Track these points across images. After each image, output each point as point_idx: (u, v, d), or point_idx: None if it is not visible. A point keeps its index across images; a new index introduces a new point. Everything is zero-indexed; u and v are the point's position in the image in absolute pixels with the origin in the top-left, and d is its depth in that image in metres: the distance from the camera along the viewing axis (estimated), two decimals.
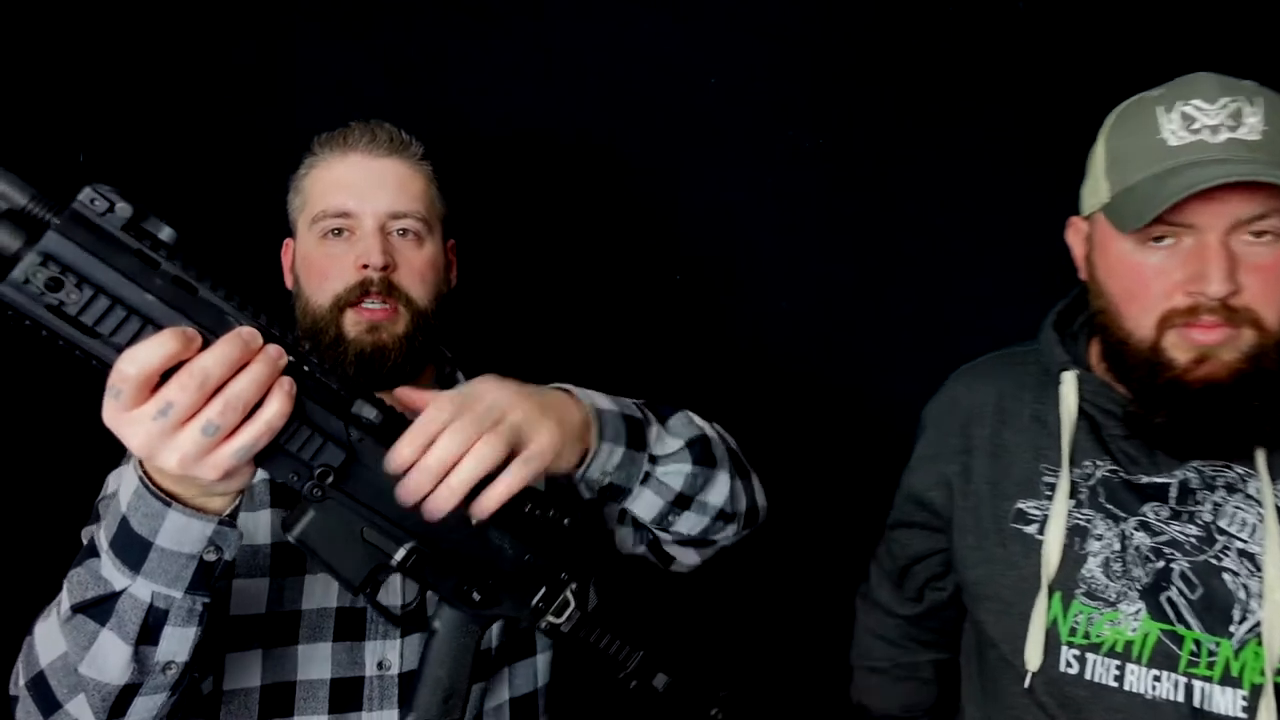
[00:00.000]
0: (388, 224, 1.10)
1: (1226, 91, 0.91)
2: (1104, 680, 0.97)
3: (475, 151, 1.44)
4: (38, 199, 0.65)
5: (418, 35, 1.44)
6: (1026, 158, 1.48)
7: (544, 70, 1.47)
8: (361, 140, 1.13)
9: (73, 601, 0.79)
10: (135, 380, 0.66)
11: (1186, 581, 0.95)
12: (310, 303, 1.11)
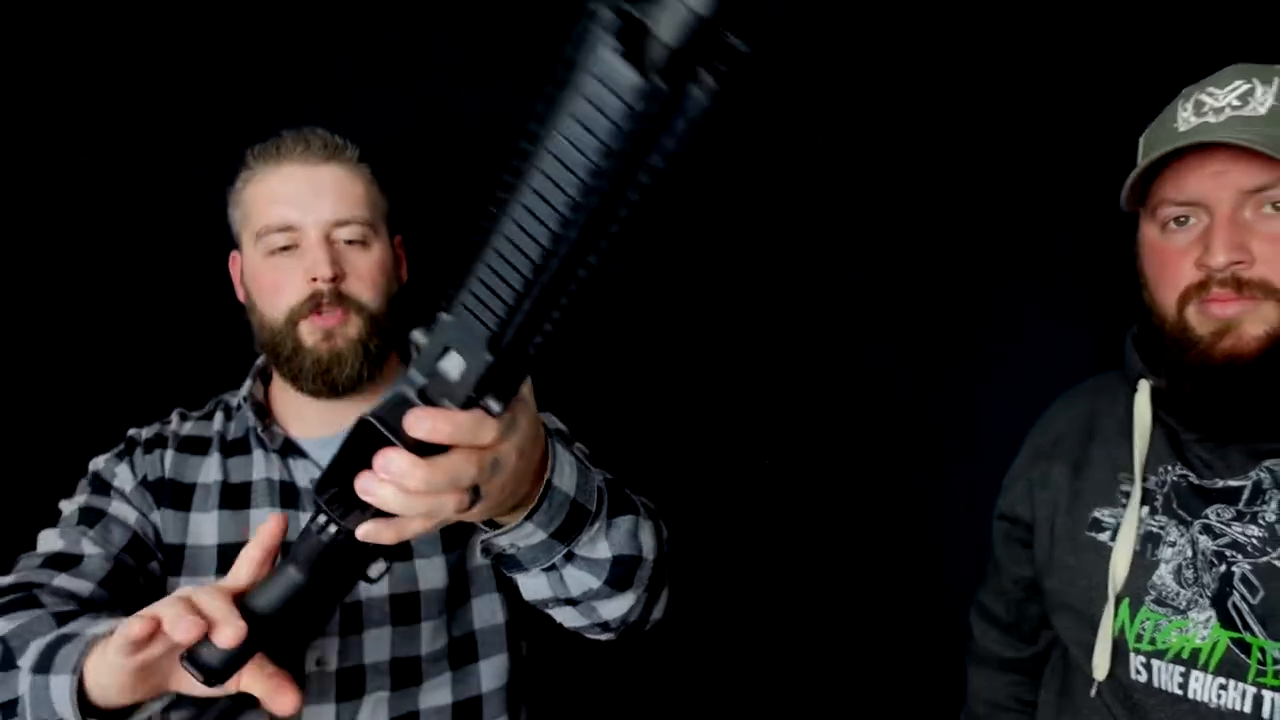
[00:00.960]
0: (332, 232, 1.10)
1: (1242, 76, 0.92)
2: (1169, 688, 0.95)
3: (462, 149, 1.43)
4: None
5: (414, 35, 1.45)
6: (1026, 157, 1.47)
7: (524, 68, 1.45)
8: (295, 149, 1.12)
9: (6, 633, 0.86)
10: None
11: (1247, 585, 0.91)
12: (265, 318, 1.12)
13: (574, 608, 0.88)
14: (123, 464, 1.11)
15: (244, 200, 1.15)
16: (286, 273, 1.09)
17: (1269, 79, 0.90)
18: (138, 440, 1.13)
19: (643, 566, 0.90)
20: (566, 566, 0.84)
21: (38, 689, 0.79)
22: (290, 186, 1.11)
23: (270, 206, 1.10)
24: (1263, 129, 0.86)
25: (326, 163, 1.12)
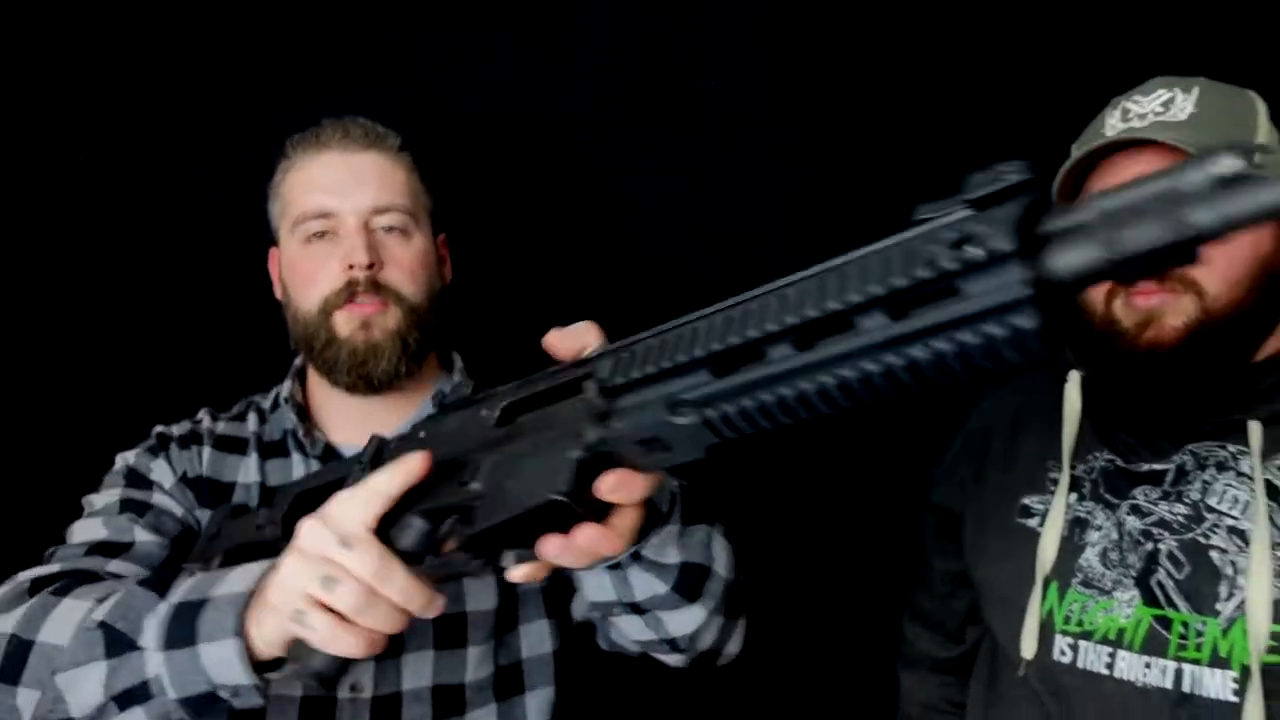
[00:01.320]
0: (371, 220, 1.07)
1: (1165, 86, 0.97)
2: (1095, 668, 0.96)
3: (473, 148, 1.45)
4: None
5: (419, 34, 1.46)
6: (1025, 157, 1.48)
7: (540, 67, 1.48)
8: (335, 136, 1.09)
9: (105, 616, 0.78)
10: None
11: (1174, 561, 0.94)
12: (299, 309, 1.07)
13: (640, 617, 0.86)
14: (159, 459, 1.05)
15: (282, 192, 1.12)
16: (322, 261, 1.06)
17: (1189, 89, 0.95)
18: (170, 436, 1.08)
19: (713, 579, 0.87)
20: (633, 567, 0.81)
21: (179, 664, 0.75)
22: (329, 174, 1.08)
23: (307, 194, 1.07)
24: (1185, 132, 0.92)
25: (366, 150, 1.09)
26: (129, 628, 0.78)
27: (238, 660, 0.73)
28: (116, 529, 0.97)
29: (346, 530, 0.70)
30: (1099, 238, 0.42)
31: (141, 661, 0.76)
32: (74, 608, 0.82)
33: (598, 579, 0.83)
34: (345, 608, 0.69)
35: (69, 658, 0.78)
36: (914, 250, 0.47)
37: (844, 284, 0.50)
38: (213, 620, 0.74)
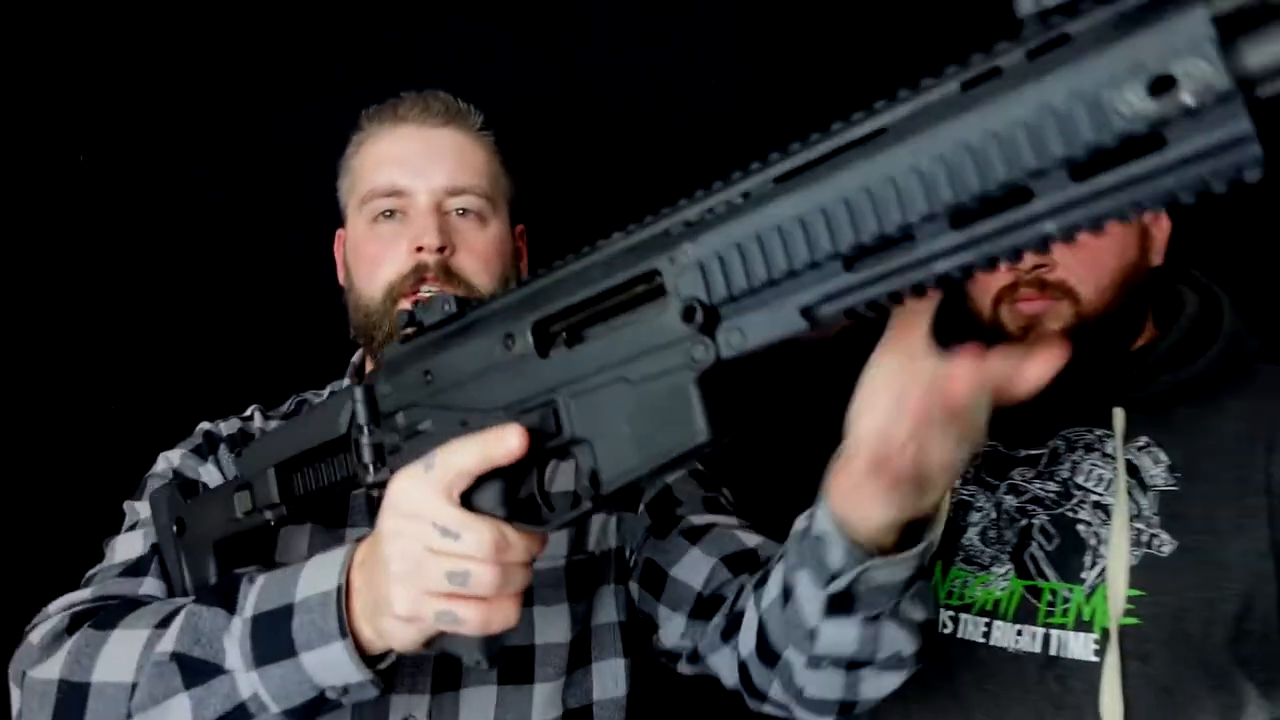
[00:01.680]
0: (445, 201, 0.98)
1: None
2: (973, 638, 1.03)
3: (555, 139, 1.44)
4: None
5: (419, 33, 1.45)
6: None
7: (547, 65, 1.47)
8: (414, 110, 1.01)
9: (174, 646, 0.72)
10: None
11: (1045, 534, 1.02)
12: (361, 295, 0.99)
13: (844, 674, 0.75)
14: (207, 463, 0.98)
15: (353, 167, 1.04)
16: (389, 242, 0.97)
17: None
18: (219, 436, 1.00)
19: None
20: (888, 621, 0.71)
21: (279, 678, 0.69)
22: (403, 148, 1.00)
23: (378, 169, 1.00)
24: None
25: (445, 126, 1.01)
26: (206, 653, 0.71)
27: (349, 661, 0.69)
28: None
29: (444, 518, 0.64)
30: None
31: (231, 684, 0.70)
32: (126, 639, 0.74)
33: (844, 631, 0.71)
34: (486, 590, 0.64)
35: (144, 696, 0.71)
36: (1090, 97, 0.40)
37: (1014, 153, 0.43)
38: (310, 626, 0.69)
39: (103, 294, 1.38)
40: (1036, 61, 0.43)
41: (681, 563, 0.94)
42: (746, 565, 0.92)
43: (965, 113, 0.45)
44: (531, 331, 0.64)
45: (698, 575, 0.93)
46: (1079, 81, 0.41)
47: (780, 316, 0.53)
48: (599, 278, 0.61)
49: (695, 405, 0.57)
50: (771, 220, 0.52)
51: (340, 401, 0.79)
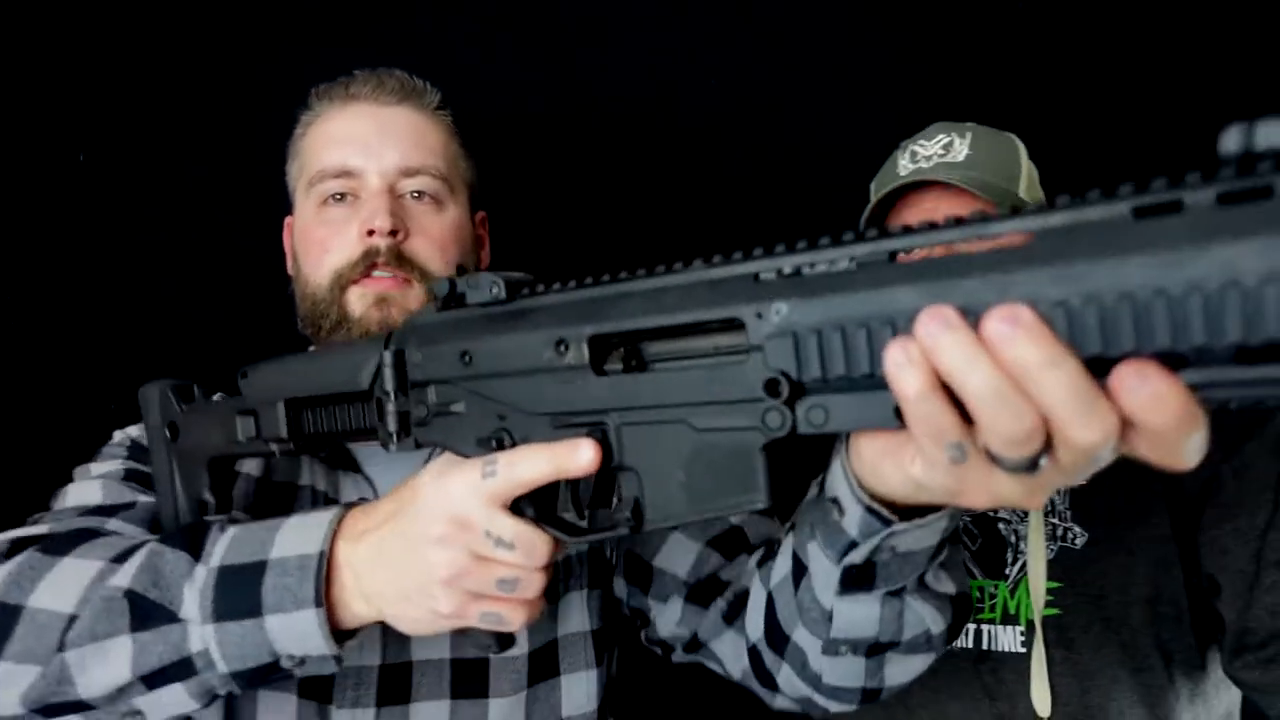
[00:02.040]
0: (398, 183, 0.94)
1: (944, 131, 1.15)
2: None
3: (517, 130, 1.43)
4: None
5: (420, 32, 1.44)
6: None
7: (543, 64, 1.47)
8: (366, 88, 0.96)
9: (130, 583, 0.67)
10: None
11: (969, 534, 1.08)
12: (309, 282, 0.94)
13: (864, 660, 0.70)
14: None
15: (301, 149, 0.99)
16: (338, 226, 0.92)
17: (963, 133, 1.13)
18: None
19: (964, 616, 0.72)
20: (914, 595, 0.66)
21: (236, 635, 0.66)
22: (354, 127, 0.95)
23: (327, 149, 0.95)
24: (962, 171, 1.09)
25: (400, 104, 0.97)
26: (162, 596, 0.67)
27: (318, 631, 0.66)
28: (117, 494, 0.84)
29: (500, 528, 0.63)
30: None
31: (182, 634, 0.66)
32: (77, 568, 0.69)
33: (865, 609, 0.66)
34: (530, 595, 0.65)
35: (84, 630, 0.66)
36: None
37: (1183, 322, 0.37)
38: (282, 588, 0.66)
39: (103, 294, 1.36)
40: (1228, 212, 0.37)
41: (663, 551, 0.91)
42: (738, 546, 0.89)
43: (1133, 252, 0.38)
44: (588, 344, 0.60)
45: (682, 562, 0.89)
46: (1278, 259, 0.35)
47: (874, 411, 0.48)
48: (672, 306, 0.56)
49: (759, 470, 0.54)
50: (887, 308, 0.46)
51: (365, 353, 0.74)
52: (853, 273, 0.48)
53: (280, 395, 0.80)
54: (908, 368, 0.43)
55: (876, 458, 0.55)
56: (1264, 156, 0.36)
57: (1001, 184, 1.07)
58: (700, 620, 0.87)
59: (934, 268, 0.45)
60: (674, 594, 0.88)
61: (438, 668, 0.85)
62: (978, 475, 0.46)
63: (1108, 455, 0.42)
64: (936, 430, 0.44)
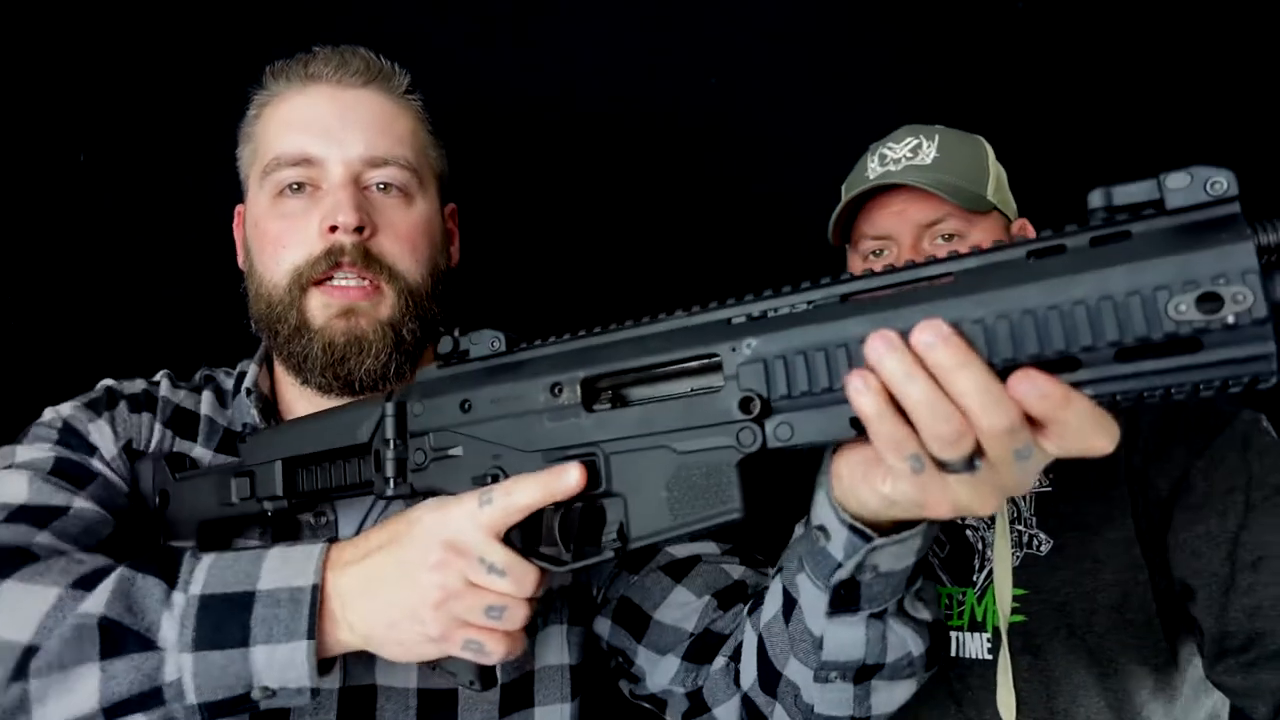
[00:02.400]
0: (363, 174, 0.87)
1: (913, 133, 1.18)
2: None
3: (489, 120, 1.43)
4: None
5: (421, 32, 1.45)
6: (1025, 157, 1.48)
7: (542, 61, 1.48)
8: (328, 68, 0.89)
9: (107, 612, 0.65)
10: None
11: (938, 542, 1.08)
12: (263, 281, 0.87)
13: (853, 688, 0.73)
14: (100, 419, 0.86)
15: (254, 133, 0.92)
16: (297, 219, 0.85)
17: (931, 136, 1.15)
18: (120, 394, 0.90)
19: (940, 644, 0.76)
20: (893, 620, 0.70)
21: (214, 665, 0.65)
22: (314, 111, 0.88)
23: (284, 135, 0.88)
24: (930, 174, 1.10)
25: (365, 86, 0.90)
26: (138, 623, 0.65)
27: (305, 663, 0.66)
28: (46, 494, 0.78)
29: (493, 555, 0.66)
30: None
31: (158, 663, 0.65)
32: (31, 594, 0.66)
33: (850, 631, 0.70)
34: (515, 626, 0.68)
35: (50, 659, 0.64)
36: (1147, 295, 0.47)
37: (1072, 328, 0.49)
38: (273, 620, 0.66)
39: (103, 294, 1.36)
40: (1099, 250, 0.51)
41: (667, 604, 0.88)
42: (737, 598, 0.88)
43: (1031, 281, 0.51)
44: (581, 386, 0.68)
45: (688, 618, 0.87)
46: (1137, 279, 0.48)
47: (832, 423, 0.58)
48: (656, 349, 0.66)
49: (734, 484, 0.62)
50: (840, 335, 0.57)
51: (365, 411, 0.79)
52: (810, 311, 0.59)
53: (277, 455, 0.84)
54: (865, 393, 0.52)
55: (855, 482, 0.61)
56: (1121, 209, 0.51)
57: (969, 186, 1.09)
58: (703, 677, 0.86)
59: (877, 304, 0.56)
60: (672, 649, 0.87)
61: (402, 695, 0.84)
62: (935, 484, 0.54)
63: (1030, 451, 0.52)
64: (896, 443, 0.53)
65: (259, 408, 0.91)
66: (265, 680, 0.66)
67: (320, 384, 0.87)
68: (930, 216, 1.11)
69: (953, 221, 1.11)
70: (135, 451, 0.88)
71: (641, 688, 0.90)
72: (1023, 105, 1.49)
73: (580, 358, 0.69)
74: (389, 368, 0.86)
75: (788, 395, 0.58)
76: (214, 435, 0.92)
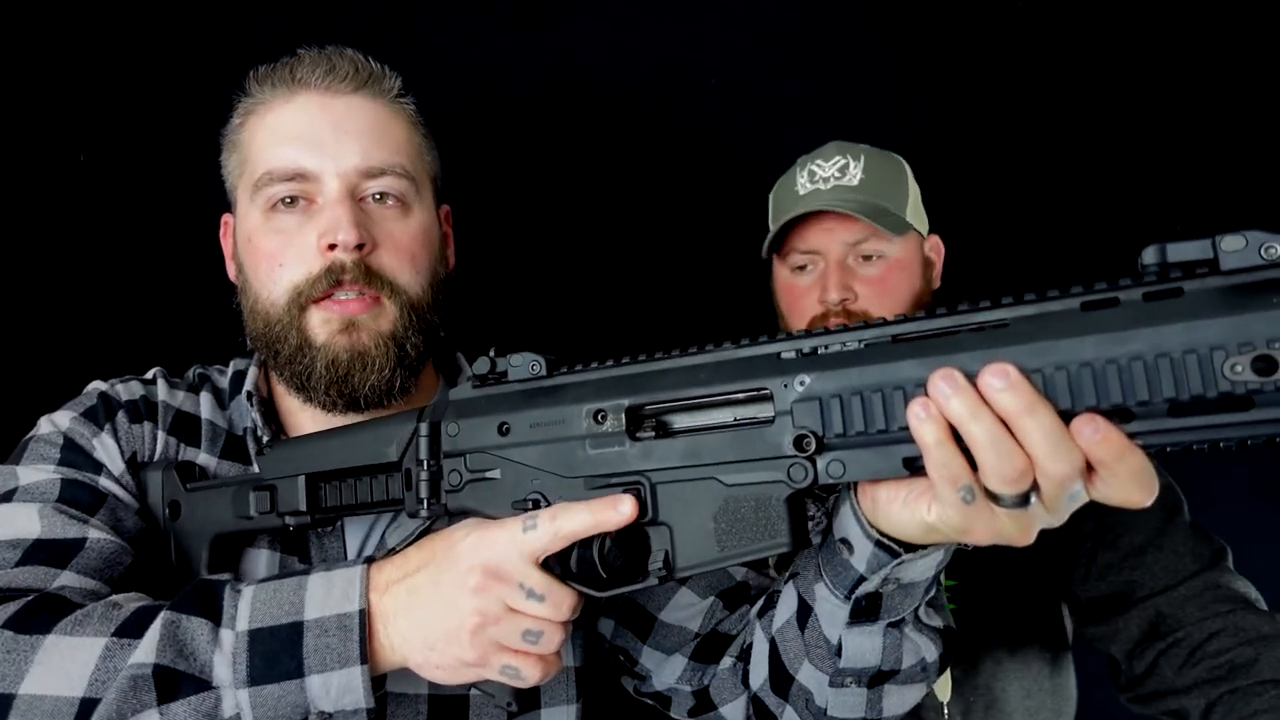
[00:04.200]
0: (359, 186, 0.85)
1: (841, 153, 1.25)
2: None
3: (481, 116, 1.45)
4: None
5: (424, 32, 1.47)
6: (1025, 157, 1.51)
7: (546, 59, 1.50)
8: (315, 73, 0.86)
9: (159, 660, 0.65)
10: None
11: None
12: (260, 299, 0.86)
13: (867, 692, 0.75)
14: (102, 432, 0.85)
15: (242, 142, 0.90)
16: (292, 236, 0.84)
17: (858, 156, 1.23)
18: (117, 402, 0.87)
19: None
20: (909, 628, 0.73)
21: (273, 698, 0.66)
22: (304, 121, 0.85)
23: (275, 147, 0.86)
24: (857, 196, 1.19)
25: (356, 93, 0.87)
26: (191, 667, 0.65)
27: (361, 687, 0.67)
28: (59, 527, 0.76)
29: (533, 581, 0.67)
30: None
31: (216, 701, 0.65)
32: (74, 646, 0.66)
33: (868, 640, 0.72)
34: (550, 650, 0.68)
35: (109, 711, 0.64)
36: (1204, 355, 0.49)
37: (1129, 383, 0.51)
38: (325, 649, 0.66)
39: (103, 293, 1.37)
40: (1153, 305, 0.52)
41: (672, 605, 0.90)
42: (741, 599, 0.91)
43: (1087, 334, 0.52)
44: (625, 414, 0.68)
45: (693, 618, 0.90)
46: (1194, 338, 0.49)
47: (885, 463, 0.59)
48: (706, 380, 0.66)
49: (784, 518, 0.62)
50: (897, 377, 0.57)
51: (395, 427, 0.78)
52: (863, 351, 0.60)
53: (301, 470, 0.82)
54: (927, 421, 0.53)
55: (895, 507, 0.62)
56: (1175, 266, 0.52)
57: (891, 209, 1.20)
58: (710, 676, 0.88)
59: (932, 346, 0.57)
60: (679, 649, 0.89)
61: (413, 701, 0.85)
62: (983, 515, 0.55)
63: (1080, 493, 0.54)
64: (951, 475, 0.54)
65: (260, 411, 0.90)
66: (321, 705, 0.67)
67: (324, 402, 0.86)
68: (856, 237, 1.21)
69: (874, 242, 1.20)
70: (139, 464, 0.86)
71: (647, 685, 0.94)
72: (1023, 105, 1.50)
73: (624, 385, 0.69)
74: (393, 383, 0.85)
75: (843, 434, 0.59)
76: (217, 440, 0.91)
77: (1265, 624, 1.01)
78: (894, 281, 1.20)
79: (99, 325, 1.36)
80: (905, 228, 1.21)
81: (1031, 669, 1.15)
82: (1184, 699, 1.02)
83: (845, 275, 1.20)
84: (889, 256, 1.20)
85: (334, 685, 0.66)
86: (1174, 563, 1.08)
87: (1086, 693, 1.23)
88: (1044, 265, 1.52)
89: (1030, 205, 1.53)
